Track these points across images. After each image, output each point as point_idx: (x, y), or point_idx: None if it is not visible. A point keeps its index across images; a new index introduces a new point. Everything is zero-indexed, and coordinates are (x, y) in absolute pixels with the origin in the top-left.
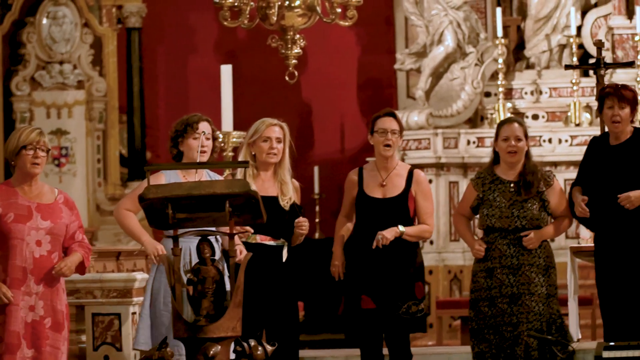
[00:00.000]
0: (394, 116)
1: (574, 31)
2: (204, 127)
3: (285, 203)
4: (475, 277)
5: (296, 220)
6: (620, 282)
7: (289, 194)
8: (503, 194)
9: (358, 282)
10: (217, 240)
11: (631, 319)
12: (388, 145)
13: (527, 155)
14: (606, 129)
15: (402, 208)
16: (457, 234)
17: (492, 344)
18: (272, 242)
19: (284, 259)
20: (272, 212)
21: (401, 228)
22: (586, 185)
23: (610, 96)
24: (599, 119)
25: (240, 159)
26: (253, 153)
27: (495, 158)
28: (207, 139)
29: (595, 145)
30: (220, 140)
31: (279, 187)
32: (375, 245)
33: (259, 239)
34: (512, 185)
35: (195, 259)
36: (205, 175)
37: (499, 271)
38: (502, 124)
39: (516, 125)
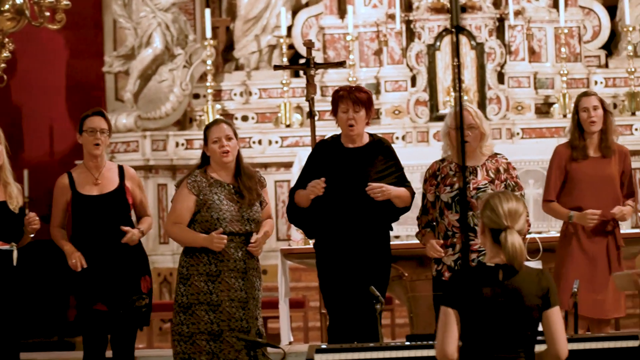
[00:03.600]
0: (103, 115)
1: (284, 31)
2: None
3: (14, 207)
4: (191, 280)
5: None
6: (341, 285)
7: (15, 195)
8: (229, 197)
9: (88, 284)
10: None
11: (352, 322)
12: (97, 145)
13: (239, 156)
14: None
15: (121, 201)
16: (166, 236)
17: (206, 350)
18: (3, 247)
19: (14, 263)
20: (1, 217)
21: None
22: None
23: (344, 99)
24: (309, 121)
25: None
26: None
27: (205, 160)
28: None
29: (326, 148)
30: None
31: (4, 190)
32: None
33: None
34: (232, 187)
35: None
36: None
37: (227, 274)
38: (210, 126)
39: (224, 125)
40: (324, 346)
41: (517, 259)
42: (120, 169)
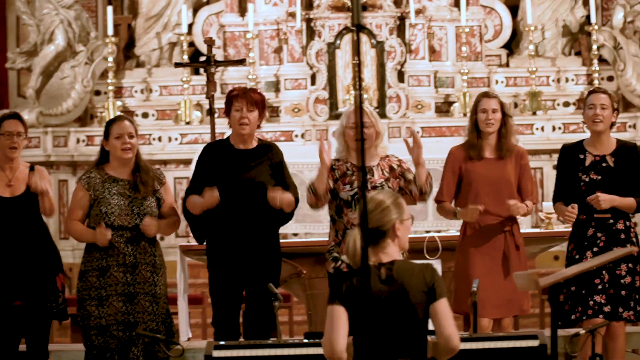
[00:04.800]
0: (19, 118)
1: (185, 29)
2: None
3: None
4: (86, 276)
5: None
6: (233, 285)
7: None
8: (120, 192)
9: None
10: None
11: (236, 320)
12: (14, 148)
13: (138, 153)
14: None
15: (32, 203)
16: (66, 232)
17: (103, 344)
18: None
19: None
20: None
21: None
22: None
23: (238, 98)
24: (209, 119)
25: None
26: None
27: (104, 157)
28: None
29: (215, 150)
30: None
31: None
32: None
33: None
34: (127, 182)
35: None
36: None
37: (115, 269)
38: (112, 122)
39: (127, 122)
40: (222, 342)
41: (352, 255)
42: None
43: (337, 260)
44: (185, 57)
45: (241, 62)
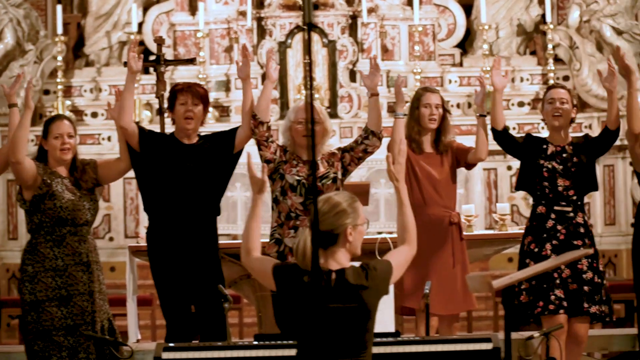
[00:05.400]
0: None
1: (135, 28)
2: None
3: None
4: (38, 277)
5: None
6: (176, 283)
7: None
8: (68, 188)
9: None
10: None
11: (188, 320)
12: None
13: (76, 153)
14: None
15: None
16: (15, 231)
17: (64, 345)
18: None
19: None
20: None
21: None
22: (153, 183)
23: (183, 92)
24: (159, 118)
25: None
26: None
27: (42, 155)
28: None
29: (162, 141)
30: None
31: None
32: None
33: None
34: (68, 180)
35: None
36: None
37: (73, 268)
38: (51, 121)
39: (67, 122)
40: (172, 344)
41: (301, 256)
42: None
43: (280, 243)
44: None
45: (191, 61)
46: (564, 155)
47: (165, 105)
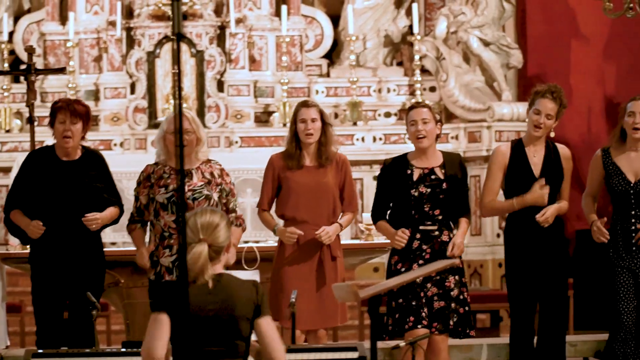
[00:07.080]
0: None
1: (5, 37)
2: None
3: None
4: None
5: None
6: (52, 290)
7: None
8: None
9: None
10: None
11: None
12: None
13: None
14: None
15: None
16: None
17: None
18: None
19: None
20: None
21: None
22: (34, 200)
23: (62, 110)
24: (29, 127)
25: None
26: None
27: None
28: None
29: (39, 160)
30: None
31: None
32: None
33: None
34: None
35: None
36: None
37: None
38: None
39: None
40: (40, 351)
41: (193, 269)
42: None
43: (157, 264)
44: (6, 64)
45: (61, 70)
46: (433, 177)
47: (36, 114)
